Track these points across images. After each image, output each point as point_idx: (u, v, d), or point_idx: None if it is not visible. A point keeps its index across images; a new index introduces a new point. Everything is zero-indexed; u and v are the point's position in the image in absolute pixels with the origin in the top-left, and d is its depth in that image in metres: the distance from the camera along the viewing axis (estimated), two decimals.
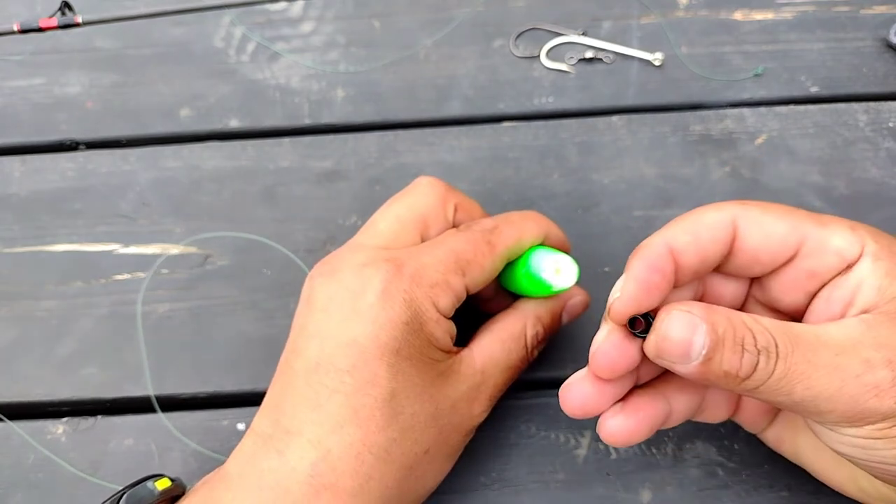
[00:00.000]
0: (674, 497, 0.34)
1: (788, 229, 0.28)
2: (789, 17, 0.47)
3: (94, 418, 0.37)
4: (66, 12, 0.41)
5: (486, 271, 0.32)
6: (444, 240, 0.32)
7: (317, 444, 0.28)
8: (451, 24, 0.47)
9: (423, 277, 0.30)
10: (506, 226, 0.33)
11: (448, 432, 0.31)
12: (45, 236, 0.42)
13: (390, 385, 0.29)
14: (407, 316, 0.29)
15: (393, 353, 0.29)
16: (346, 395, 0.28)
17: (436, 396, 0.30)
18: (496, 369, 0.32)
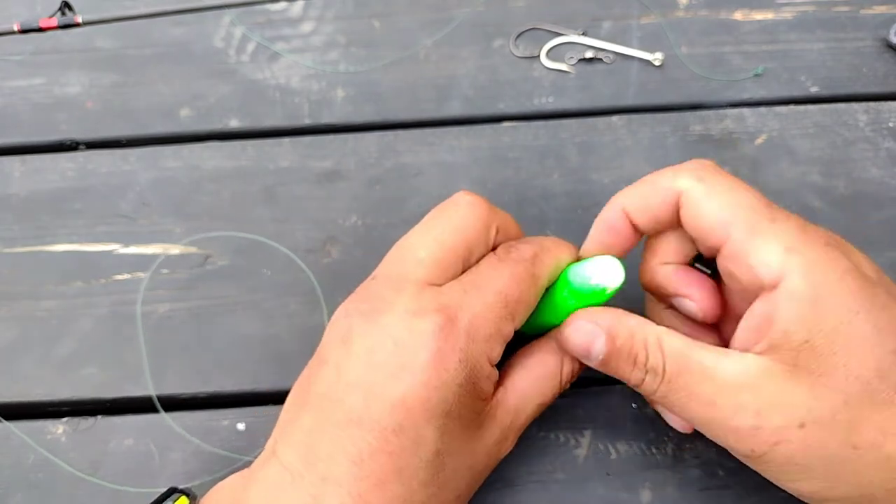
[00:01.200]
0: (674, 497, 0.34)
1: (716, 223, 0.28)
2: (789, 17, 0.47)
3: (93, 418, 0.37)
4: (66, 12, 0.41)
5: (530, 307, 0.31)
6: (489, 278, 0.30)
7: (357, 498, 0.27)
8: (451, 24, 0.47)
9: (478, 331, 0.28)
10: (544, 254, 0.32)
11: (480, 474, 0.31)
12: (45, 236, 0.42)
13: (436, 446, 0.28)
14: (462, 378, 0.28)
15: (443, 415, 0.27)
16: (390, 455, 0.27)
17: (475, 448, 0.30)
18: (528, 406, 0.31)
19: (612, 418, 0.36)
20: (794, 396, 0.26)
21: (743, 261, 0.28)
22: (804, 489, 0.27)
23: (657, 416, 0.36)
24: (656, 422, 0.36)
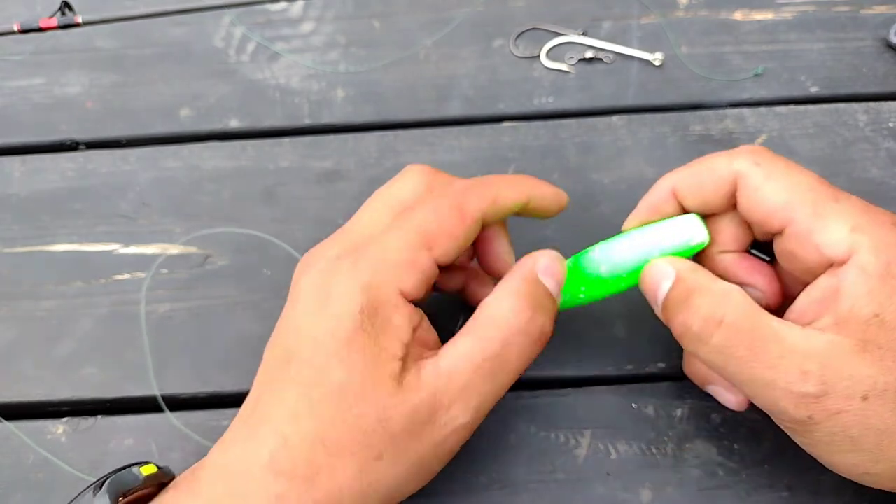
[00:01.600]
0: (674, 497, 0.34)
1: (779, 206, 0.28)
2: (789, 17, 0.47)
3: (94, 418, 0.37)
4: (66, 12, 0.41)
5: (458, 240, 0.30)
6: (410, 214, 0.30)
7: (277, 433, 0.28)
8: (451, 24, 0.47)
9: (384, 260, 0.29)
10: (479, 187, 0.31)
11: (405, 440, 0.28)
12: (45, 236, 0.42)
13: (339, 378, 0.28)
14: (362, 303, 0.28)
15: (345, 344, 0.28)
16: (304, 387, 0.28)
17: (385, 402, 0.28)
18: (467, 366, 0.29)
19: (612, 418, 0.36)
20: (860, 369, 0.26)
21: (809, 241, 0.28)
22: (847, 462, 0.27)
23: (657, 417, 0.36)
24: (656, 422, 0.36)
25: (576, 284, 0.32)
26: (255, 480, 0.28)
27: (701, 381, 0.34)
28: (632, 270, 0.31)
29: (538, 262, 0.31)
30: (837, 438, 0.27)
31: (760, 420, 0.35)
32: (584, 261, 0.33)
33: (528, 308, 0.29)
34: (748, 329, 0.27)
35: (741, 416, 0.35)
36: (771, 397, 0.27)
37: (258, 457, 0.28)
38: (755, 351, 0.27)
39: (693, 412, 0.36)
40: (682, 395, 0.36)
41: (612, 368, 0.37)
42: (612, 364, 0.37)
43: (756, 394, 0.28)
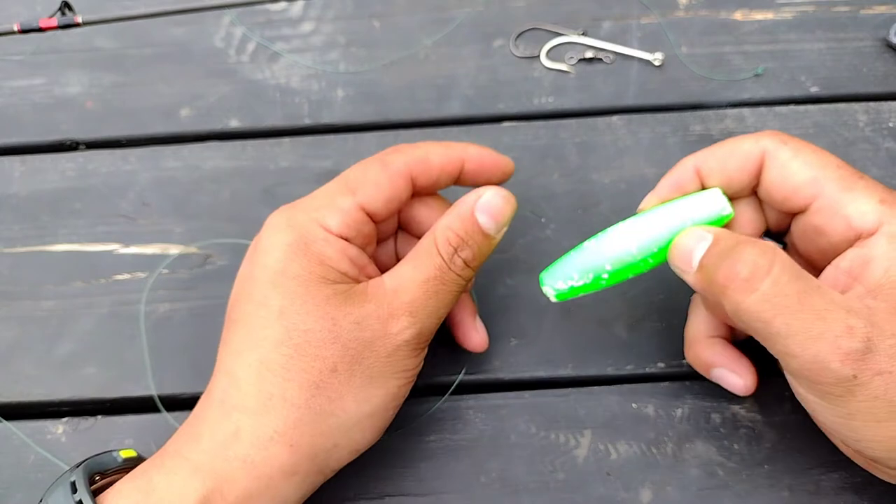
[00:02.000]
0: (674, 497, 0.34)
1: (807, 180, 0.29)
2: (789, 17, 0.46)
3: (94, 418, 0.37)
4: (66, 12, 0.41)
5: (382, 188, 0.32)
6: (343, 172, 0.32)
7: (226, 372, 0.30)
8: (451, 24, 0.47)
9: (308, 204, 0.31)
10: (407, 146, 0.33)
11: (357, 349, 0.29)
12: (45, 236, 0.42)
13: (278, 303, 0.29)
14: (290, 238, 0.30)
15: (278, 273, 0.30)
16: (244, 323, 0.30)
17: (332, 313, 0.29)
18: (409, 284, 0.31)
19: (612, 418, 0.36)
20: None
21: (838, 213, 0.29)
22: (884, 433, 0.27)
23: (657, 417, 0.36)
24: (656, 422, 0.36)
25: (600, 266, 0.31)
26: (210, 421, 0.29)
27: (705, 366, 0.34)
28: (662, 247, 0.31)
29: (479, 198, 0.32)
30: (878, 404, 0.26)
31: (760, 420, 0.35)
32: (607, 239, 0.31)
33: (454, 240, 0.31)
34: (796, 277, 0.27)
35: (741, 416, 0.36)
36: (817, 352, 0.26)
37: (212, 399, 0.30)
38: (803, 301, 0.26)
39: (693, 412, 0.36)
40: (682, 395, 0.36)
41: (612, 368, 0.37)
42: (612, 364, 0.37)
43: (801, 349, 0.26)
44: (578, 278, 0.31)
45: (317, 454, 0.29)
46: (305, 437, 0.29)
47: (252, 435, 0.28)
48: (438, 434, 0.36)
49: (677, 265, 0.30)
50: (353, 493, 0.35)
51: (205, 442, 0.29)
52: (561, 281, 0.31)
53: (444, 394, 0.37)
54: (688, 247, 0.29)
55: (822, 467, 0.34)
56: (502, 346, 0.38)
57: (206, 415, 0.29)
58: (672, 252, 0.30)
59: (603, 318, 0.38)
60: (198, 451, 0.28)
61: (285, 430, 0.28)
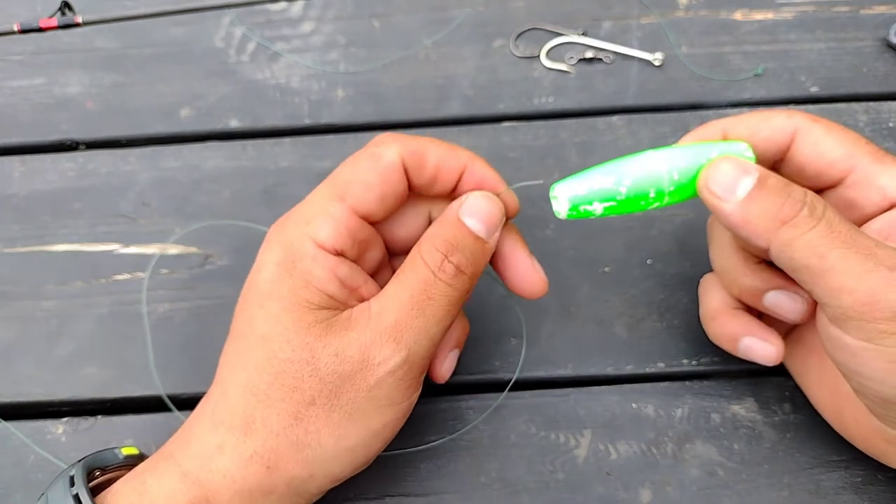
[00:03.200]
0: (674, 497, 0.34)
1: (841, 155, 0.30)
2: (789, 17, 0.47)
3: (93, 418, 0.37)
4: (66, 12, 0.41)
5: (373, 188, 0.30)
6: (334, 171, 0.31)
7: (220, 384, 0.30)
8: (451, 24, 0.47)
9: (299, 216, 0.30)
10: (395, 136, 0.31)
11: (335, 383, 0.28)
12: (45, 236, 0.42)
13: (263, 327, 0.29)
14: (279, 256, 0.29)
15: (265, 295, 0.29)
16: (237, 339, 0.30)
17: (312, 344, 0.28)
18: (393, 303, 0.29)
19: (612, 418, 0.36)
20: None
21: (872, 183, 0.29)
22: None
23: (657, 417, 0.36)
24: (656, 422, 0.36)
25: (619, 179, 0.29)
26: (200, 430, 0.29)
27: (731, 339, 0.33)
28: (686, 180, 0.29)
29: (463, 203, 0.30)
30: None
31: (760, 420, 0.35)
32: (632, 159, 0.29)
33: (441, 247, 0.29)
34: (845, 220, 0.27)
35: (741, 416, 0.36)
36: (872, 285, 0.26)
37: (206, 408, 0.30)
38: (855, 239, 0.27)
39: (693, 412, 0.36)
40: (682, 395, 0.36)
41: (612, 368, 0.37)
42: (612, 364, 0.37)
43: (856, 282, 0.26)
44: (598, 180, 0.29)
45: (293, 479, 0.29)
46: (283, 463, 0.28)
47: (234, 451, 0.28)
48: (438, 434, 0.36)
49: (714, 191, 0.28)
50: (353, 493, 0.35)
51: (193, 449, 0.29)
52: (578, 183, 0.29)
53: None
54: (730, 175, 0.28)
55: (822, 467, 0.34)
56: (502, 346, 0.38)
57: (198, 422, 0.30)
58: (709, 175, 0.29)
59: (603, 318, 0.38)
60: (187, 458, 0.29)
61: (263, 453, 0.28)
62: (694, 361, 0.37)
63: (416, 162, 0.31)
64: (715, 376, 0.37)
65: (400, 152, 0.30)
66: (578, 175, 0.29)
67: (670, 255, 0.40)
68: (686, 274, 0.39)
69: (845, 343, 0.28)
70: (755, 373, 0.35)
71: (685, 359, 0.37)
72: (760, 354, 0.33)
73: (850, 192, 0.30)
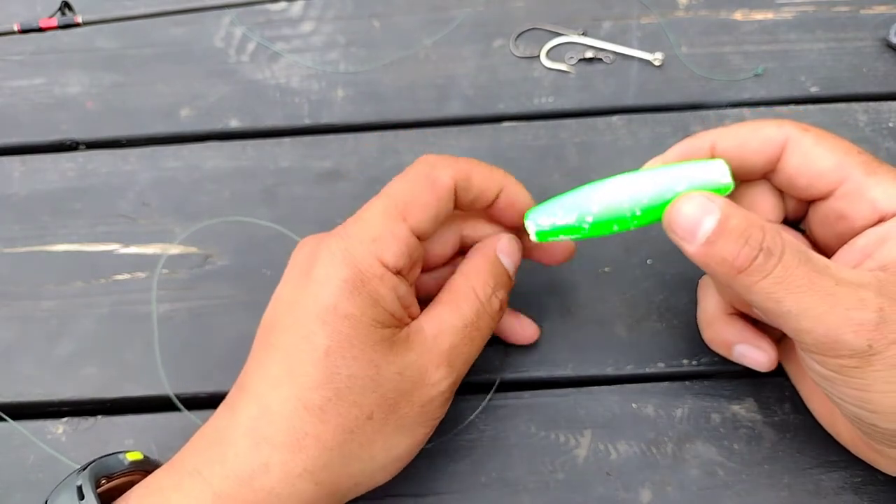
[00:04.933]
0: (674, 497, 0.34)
1: (831, 166, 0.29)
2: (789, 17, 0.47)
3: (93, 418, 0.37)
4: (66, 12, 0.41)
5: (430, 209, 0.31)
6: (387, 188, 0.31)
7: (258, 399, 0.29)
8: (451, 24, 0.47)
9: (363, 233, 0.30)
10: (451, 159, 0.32)
11: (395, 400, 0.29)
12: (45, 236, 0.42)
13: (325, 343, 0.28)
14: (346, 273, 0.29)
15: (329, 310, 0.29)
16: (285, 352, 0.29)
17: (377, 361, 0.29)
18: (449, 330, 0.31)
19: (612, 418, 0.36)
20: None
21: (863, 196, 0.29)
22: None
23: (657, 417, 0.36)
24: (656, 422, 0.36)
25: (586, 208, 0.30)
26: (237, 447, 0.28)
27: (725, 345, 0.34)
28: (654, 204, 0.29)
29: (498, 243, 0.33)
30: (894, 372, 0.26)
31: (760, 420, 0.35)
32: (600, 186, 0.30)
33: (491, 282, 0.32)
34: (805, 261, 0.27)
35: (741, 416, 0.36)
36: (830, 326, 0.26)
37: (238, 423, 0.29)
38: (813, 280, 0.26)
39: (693, 412, 0.36)
40: (682, 395, 0.36)
41: (612, 368, 0.37)
42: (612, 364, 0.37)
43: (814, 325, 0.26)
44: (562, 216, 0.30)
45: (338, 491, 0.29)
46: (332, 477, 0.29)
47: (282, 470, 0.28)
48: (438, 434, 0.36)
49: (677, 233, 0.28)
50: None
51: (229, 468, 0.28)
52: (544, 216, 0.31)
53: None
54: (692, 216, 0.28)
55: (822, 467, 0.34)
56: (502, 346, 0.38)
57: (231, 439, 0.28)
58: (671, 217, 0.29)
59: (603, 318, 0.38)
60: (221, 478, 0.28)
61: (314, 470, 0.28)
62: (694, 361, 0.37)
63: (464, 184, 0.32)
64: (715, 376, 0.37)
65: (452, 175, 0.31)
66: (547, 205, 0.31)
67: (670, 255, 0.40)
68: (686, 274, 0.39)
69: (816, 370, 0.28)
70: (755, 373, 0.35)
71: (685, 359, 0.37)
72: (753, 361, 0.33)
73: (840, 203, 0.30)
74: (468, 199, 0.32)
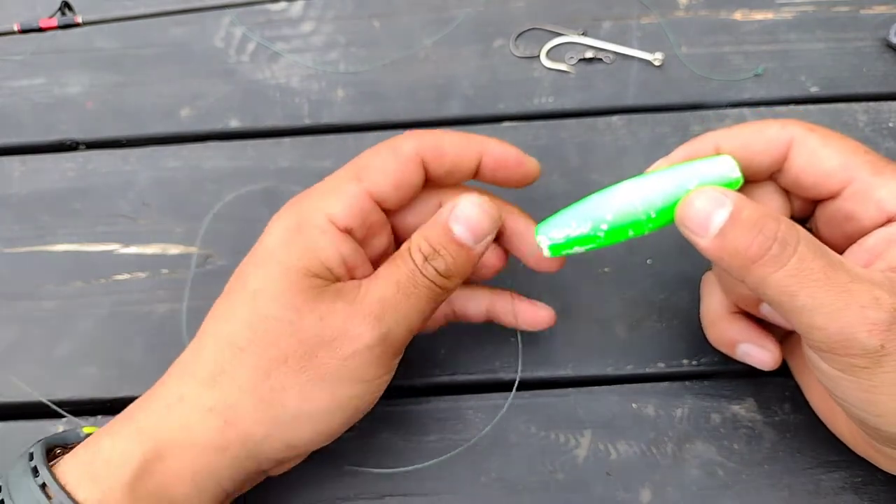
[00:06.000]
0: (674, 497, 0.34)
1: (837, 168, 0.29)
2: (789, 17, 0.47)
3: (93, 418, 0.37)
4: (66, 12, 0.41)
5: (389, 174, 0.31)
6: (353, 160, 0.32)
7: (198, 338, 0.30)
8: (451, 24, 0.47)
9: (315, 191, 0.31)
10: (420, 132, 0.32)
11: (313, 345, 0.29)
12: (45, 236, 0.42)
13: (254, 285, 0.30)
14: (289, 222, 0.30)
15: (266, 256, 0.30)
16: (227, 294, 0.31)
17: (299, 306, 0.29)
18: (380, 283, 0.30)
19: (612, 418, 0.36)
20: None
21: (870, 197, 0.29)
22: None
23: (657, 417, 0.36)
24: (656, 422, 0.36)
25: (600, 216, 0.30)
26: (166, 386, 0.30)
27: (729, 344, 0.33)
28: (667, 205, 0.29)
29: (453, 209, 0.31)
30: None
31: (760, 420, 0.35)
32: (610, 192, 0.30)
33: (425, 250, 0.30)
34: (821, 254, 0.27)
35: (741, 416, 0.36)
36: (844, 323, 0.26)
37: (176, 364, 0.30)
38: (829, 275, 0.26)
39: (693, 412, 0.36)
40: (682, 395, 0.36)
41: (612, 368, 0.37)
42: (612, 364, 0.37)
43: (827, 321, 0.26)
44: (576, 226, 0.30)
45: (248, 438, 0.29)
46: (240, 419, 0.29)
47: (194, 402, 0.29)
48: (438, 434, 0.36)
49: (689, 227, 0.28)
50: (354, 493, 0.35)
51: (153, 405, 0.29)
52: (556, 229, 0.30)
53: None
54: (704, 210, 0.27)
55: (822, 467, 0.34)
56: (502, 346, 0.38)
57: (167, 378, 0.30)
58: (683, 212, 0.28)
59: (603, 318, 0.38)
60: (146, 413, 0.29)
61: (223, 408, 0.29)
62: (694, 361, 0.37)
63: (433, 154, 0.32)
64: (715, 376, 0.37)
65: (416, 145, 0.32)
66: (558, 217, 0.30)
67: (670, 255, 0.40)
68: (686, 274, 0.39)
69: (823, 369, 0.28)
70: (755, 373, 0.35)
71: (685, 359, 0.37)
72: (757, 360, 0.33)
73: (847, 204, 0.29)
74: (442, 170, 0.32)
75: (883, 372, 0.26)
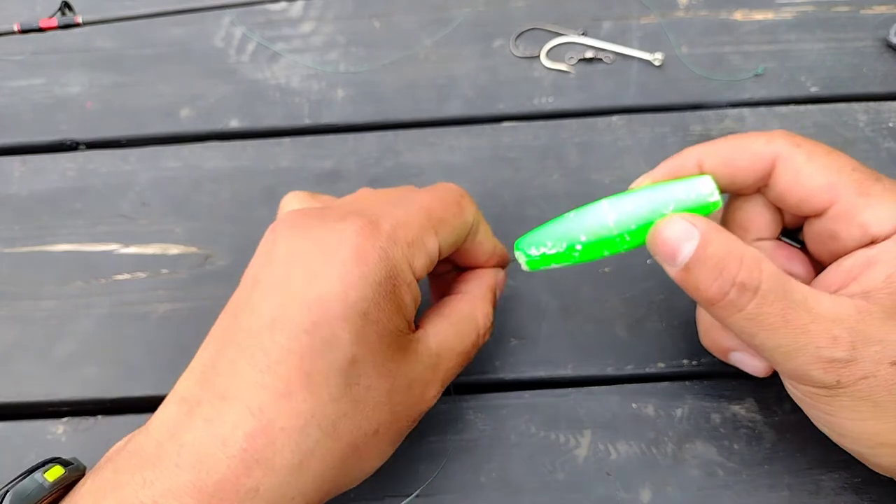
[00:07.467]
0: (674, 497, 0.34)
1: (822, 186, 0.28)
2: (789, 17, 0.47)
3: (93, 418, 0.37)
4: (66, 12, 0.41)
5: (455, 232, 0.31)
6: (414, 197, 0.30)
7: (257, 413, 0.24)
8: (451, 24, 0.47)
9: (399, 235, 0.28)
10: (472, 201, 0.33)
11: (400, 414, 0.28)
12: (45, 236, 0.42)
13: (352, 350, 0.26)
14: (381, 276, 0.26)
15: (360, 315, 0.26)
16: (301, 357, 0.25)
17: (394, 372, 0.27)
18: (450, 353, 0.30)
19: (612, 418, 0.36)
20: (890, 335, 0.26)
21: (854, 219, 0.28)
22: (867, 430, 0.27)
23: (657, 417, 0.36)
24: (656, 422, 0.36)
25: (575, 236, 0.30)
26: (216, 474, 0.24)
27: (722, 351, 0.34)
28: (641, 226, 0.29)
29: (497, 277, 0.34)
30: (861, 404, 0.26)
31: (760, 420, 0.35)
32: (587, 212, 0.30)
33: (491, 316, 0.33)
34: (781, 296, 0.26)
35: (741, 416, 0.36)
36: (800, 363, 0.26)
37: (225, 445, 0.24)
38: (787, 318, 0.26)
39: (693, 412, 0.36)
40: (682, 395, 0.36)
41: (612, 368, 0.37)
42: (612, 364, 0.37)
43: (784, 360, 0.27)
44: (551, 246, 0.30)
45: (321, 501, 0.28)
46: (321, 493, 0.27)
47: (274, 494, 0.25)
48: (438, 434, 0.36)
49: (659, 255, 0.28)
50: (353, 493, 0.35)
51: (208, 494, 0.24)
52: (534, 247, 0.30)
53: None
54: (672, 240, 0.27)
55: (822, 467, 0.34)
56: (502, 346, 0.38)
57: (214, 463, 0.24)
58: (654, 239, 0.28)
59: (603, 319, 0.38)
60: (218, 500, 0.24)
61: (307, 492, 0.26)
62: (694, 361, 0.37)
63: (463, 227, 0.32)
64: (715, 376, 0.37)
65: (475, 213, 0.32)
66: (536, 234, 0.31)
67: None
68: None
69: (790, 389, 0.29)
70: None
71: (685, 359, 0.37)
72: (750, 367, 0.33)
73: (831, 224, 0.29)
74: (471, 260, 0.34)
75: (840, 402, 0.27)
